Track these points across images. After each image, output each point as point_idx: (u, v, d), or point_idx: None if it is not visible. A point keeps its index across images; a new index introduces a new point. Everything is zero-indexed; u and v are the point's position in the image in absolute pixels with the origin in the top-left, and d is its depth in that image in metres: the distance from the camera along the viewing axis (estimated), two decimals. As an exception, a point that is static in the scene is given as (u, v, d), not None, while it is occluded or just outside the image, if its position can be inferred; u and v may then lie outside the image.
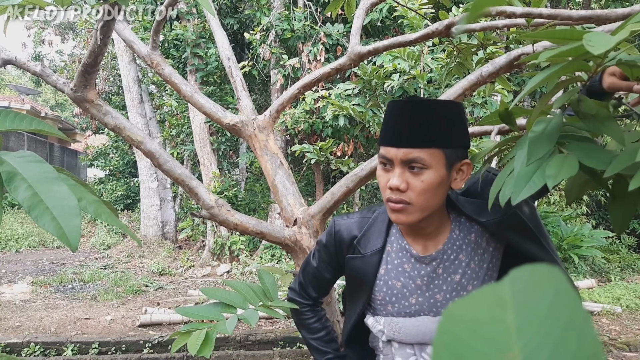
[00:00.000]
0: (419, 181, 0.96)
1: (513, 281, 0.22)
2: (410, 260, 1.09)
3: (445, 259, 1.06)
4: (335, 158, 5.85)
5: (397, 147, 0.96)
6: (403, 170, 0.97)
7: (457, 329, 0.21)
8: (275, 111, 2.15)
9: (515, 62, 1.65)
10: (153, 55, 2.15)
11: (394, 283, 1.09)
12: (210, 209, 1.82)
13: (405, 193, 0.97)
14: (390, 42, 1.83)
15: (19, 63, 1.88)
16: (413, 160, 0.95)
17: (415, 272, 1.08)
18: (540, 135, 0.73)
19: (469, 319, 0.21)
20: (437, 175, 0.95)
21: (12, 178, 0.68)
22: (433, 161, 0.95)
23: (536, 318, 0.20)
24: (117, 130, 1.85)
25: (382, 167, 1.01)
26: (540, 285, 0.21)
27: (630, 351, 4.55)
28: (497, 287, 0.22)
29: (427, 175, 0.95)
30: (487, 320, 0.21)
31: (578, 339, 0.19)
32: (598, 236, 7.05)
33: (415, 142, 0.94)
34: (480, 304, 0.22)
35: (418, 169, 0.95)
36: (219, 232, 7.83)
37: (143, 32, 8.08)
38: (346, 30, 6.78)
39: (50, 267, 7.63)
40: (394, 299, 1.09)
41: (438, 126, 0.95)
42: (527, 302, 0.21)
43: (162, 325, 4.81)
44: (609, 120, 0.73)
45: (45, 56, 16.40)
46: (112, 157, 13.53)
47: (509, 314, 0.21)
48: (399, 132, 0.96)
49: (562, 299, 0.20)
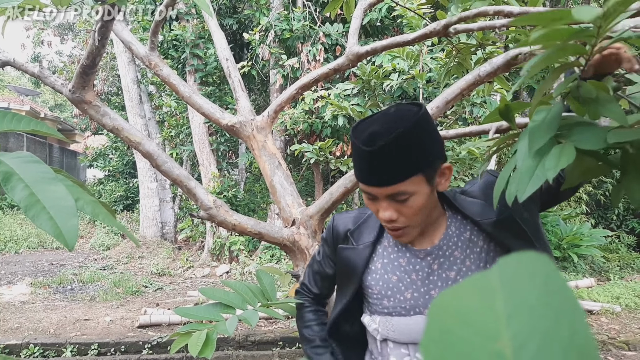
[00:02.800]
0: (408, 207, 0.98)
1: (502, 270, 0.22)
2: (406, 254, 1.11)
3: (441, 255, 1.07)
4: (334, 158, 5.85)
5: (378, 186, 0.97)
6: (390, 202, 0.99)
7: (446, 318, 0.21)
8: (274, 112, 2.15)
9: (513, 62, 1.65)
10: (151, 56, 2.15)
11: (390, 277, 1.11)
12: (209, 210, 1.82)
13: (399, 220, 1.00)
14: (388, 42, 1.83)
15: (17, 64, 1.88)
16: (397, 194, 0.96)
17: (411, 267, 1.09)
18: (540, 124, 0.73)
19: (458, 308, 0.21)
20: (422, 195, 0.98)
21: (9, 178, 0.68)
22: (416, 187, 0.96)
23: (526, 306, 0.20)
24: (115, 131, 1.85)
25: (366, 197, 1.02)
26: (530, 274, 0.21)
27: (629, 350, 4.55)
28: (486, 276, 0.22)
29: (413, 200, 0.97)
30: (477, 310, 0.21)
31: (569, 327, 0.19)
32: (597, 235, 7.06)
33: (394, 180, 0.95)
34: (469, 293, 0.22)
35: (404, 199, 0.97)
36: (219, 233, 7.83)
37: (142, 33, 8.07)
38: (345, 30, 6.78)
39: (49, 268, 7.63)
40: (389, 292, 1.11)
41: (410, 157, 0.94)
42: (517, 291, 0.21)
43: (161, 326, 4.80)
44: (610, 102, 0.73)
45: (44, 57, 16.37)
46: (112, 157, 13.53)
47: (499, 303, 0.20)
48: (376, 175, 0.96)
49: (552, 286, 0.20)
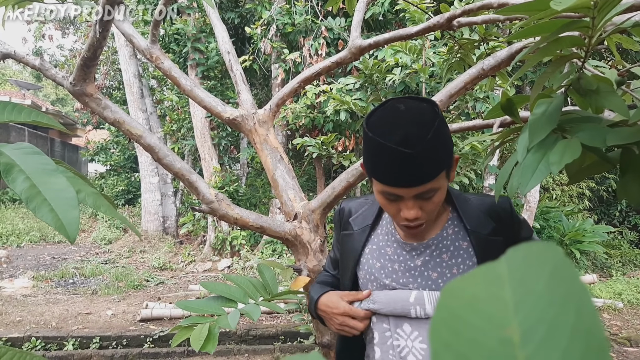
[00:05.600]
0: (431, 203, 0.96)
1: (510, 259, 0.22)
2: (393, 244, 1.11)
3: (427, 253, 1.06)
4: (336, 152, 5.84)
5: (407, 187, 0.93)
6: (415, 201, 0.95)
7: (455, 306, 0.21)
8: (276, 105, 2.14)
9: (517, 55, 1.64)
10: (152, 49, 2.14)
11: (373, 263, 1.13)
12: (210, 204, 1.81)
13: (421, 217, 0.97)
14: (391, 36, 1.82)
15: (17, 57, 1.87)
16: (426, 192, 0.94)
17: (395, 257, 1.10)
18: (541, 117, 0.73)
19: (467, 296, 0.21)
20: (444, 190, 0.97)
21: (9, 170, 0.68)
22: (442, 182, 0.95)
23: (533, 294, 0.20)
24: (116, 124, 1.84)
25: (388, 197, 0.98)
26: (538, 262, 0.21)
27: (631, 346, 4.55)
28: (494, 265, 0.22)
29: (438, 196, 0.96)
30: (485, 298, 0.21)
31: (576, 313, 0.19)
32: (600, 231, 7.05)
33: (427, 179, 0.91)
34: (478, 281, 0.22)
35: (431, 196, 0.95)
36: (220, 227, 7.83)
37: (144, 26, 8.05)
38: (347, 24, 6.75)
39: (51, 262, 7.65)
40: (372, 277, 1.12)
41: (439, 154, 0.92)
42: (525, 279, 0.21)
43: (163, 320, 4.82)
44: (611, 94, 0.72)
45: (46, 51, 16.37)
46: (113, 152, 13.52)
47: (507, 291, 0.21)
48: (408, 176, 0.91)
49: (560, 274, 0.20)
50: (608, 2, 0.64)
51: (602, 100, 0.73)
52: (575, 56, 0.82)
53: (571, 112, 0.82)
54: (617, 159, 0.76)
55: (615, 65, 1.28)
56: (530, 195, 6.22)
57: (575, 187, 8.27)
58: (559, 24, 0.70)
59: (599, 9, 0.65)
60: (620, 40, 1.12)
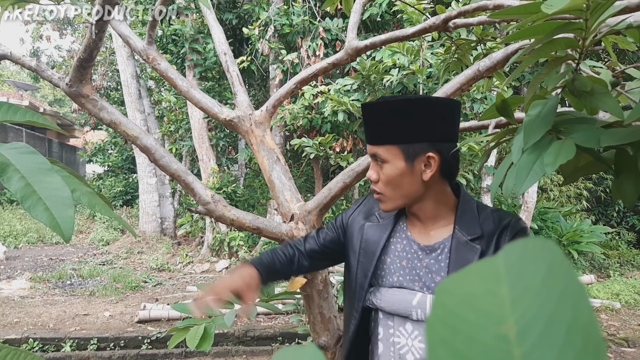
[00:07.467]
0: (383, 174, 1.07)
1: (507, 255, 0.22)
2: (404, 241, 1.14)
3: (433, 257, 1.07)
4: (334, 153, 5.84)
5: (368, 144, 1.09)
6: (375, 163, 1.08)
7: (452, 302, 0.21)
8: (272, 106, 2.14)
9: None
10: (149, 50, 2.14)
11: (384, 258, 1.15)
12: (207, 205, 1.81)
13: (377, 184, 1.09)
14: (387, 37, 1.82)
15: (14, 58, 1.87)
16: (375, 155, 1.07)
17: (404, 254, 1.12)
18: (535, 118, 0.73)
19: (464, 293, 0.21)
20: (394, 168, 1.05)
21: (4, 169, 0.68)
22: (389, 156, 1.04)
23: (530, 290, 0.20)
24: (112, 126, 1.84)
25: None
26: (534, 258, 0.21)
27: (629, 346, 4.56)
28: (491, 261, 0.22)
29: (387, 168, 1.05)
30: (482, 294, 0.21)
31: (572, 309, 0.19)
32: (598, 232, 7.06)
33: (374, 140, 1.07)
34: (475, 278, 0.22)
35: (380, 162, 1.07)
36: (218, 228, 7.82)
37: (141, 27, 8.04)
38: (345, 25, 6.75)
39: (49, 263, 7.63)
40: (383, 272, 1.15)
41: (391, 124, 1.03)
42: (521, 275, 0.21)
43: (160, 321, 4.81)
44: (605, 95, 0.72)
45: (43, 52, 16.34)
46: (111, 153, 13.50)
47: (503, 287, 0.21)
48: (367, 131, 1.09)
49: (556, 270, 0.20)
50: (601, 4, 0.65)
51: (597, 101, 0.73)
52: (570, 57, 0.82)
53: (566, 113, 0.82)
54: (612, 159, 0.76)
55: (611, 66, 1.28)
56: (528, 196, 6.23)
57: (572, 187, 8.28)
58: (553, 25, 0.71)
59: (591, 11, 0.65)
60: (616, 41, 1.13)
